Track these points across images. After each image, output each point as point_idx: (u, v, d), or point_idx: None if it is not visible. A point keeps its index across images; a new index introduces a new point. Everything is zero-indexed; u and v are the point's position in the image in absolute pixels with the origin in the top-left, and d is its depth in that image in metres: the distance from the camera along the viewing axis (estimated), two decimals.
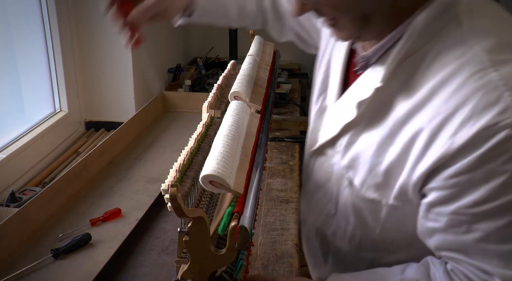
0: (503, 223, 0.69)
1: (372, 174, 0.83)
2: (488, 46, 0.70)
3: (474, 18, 0.73)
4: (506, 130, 0.65)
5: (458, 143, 0.68)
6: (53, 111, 1.79)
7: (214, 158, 0.74)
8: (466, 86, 0.69)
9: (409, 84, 0.76)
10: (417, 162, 0.74)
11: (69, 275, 1.05)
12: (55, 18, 1.70)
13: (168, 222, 1.27)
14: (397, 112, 0.77)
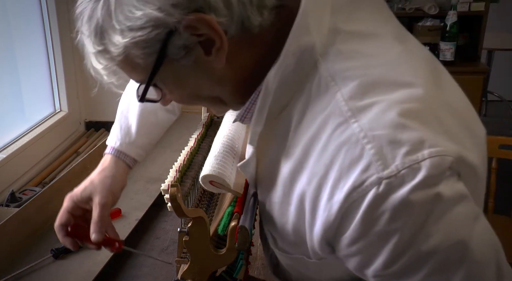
0: (421, 277, 0.61)
1: (285, 232, 0.75)
2: (348, 92, 0.62)
3: (332, 60, 0.64)
4: (373, 189, 0.57)
5: (335, 208, 0.60)
6: (53, 111, 1.79)
7: (214, 158, 0.74)
8: (331, 143, 0.61)
9: (285, 143, 0.69)
10: (311, 227, 0.67)
11: (69, 275, 1.05)
12: (55, 18, 1.70)
13: (168, 222, 1.27)
14: (283, 174, 0.70)
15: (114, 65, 0.67)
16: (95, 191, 0.91)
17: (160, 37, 0.61)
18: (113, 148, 0.99)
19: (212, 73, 0.66)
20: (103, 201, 0.89)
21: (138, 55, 0.63)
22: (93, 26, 0.64)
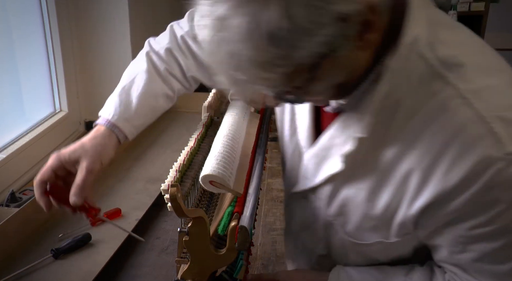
0: (498, 245, 0.72)
1: (367, 218, 0.82)
2: (460, 76, 0.69)
3: (437, 49, 0.71)
4: (496, 164, 0.66)
5: (454, 180, 0.69)
6: (53, 111, 1.79)
7: (214, 158, 0.74)
8: (449, 123, 0.69)
9: (391, 129, 0.74)
10: (412, 200, 0.74)
11: (69, 275, 1.05)
12: (55, 18, 1.70)
13: (168, 222, 1.27)
14: (385, 158, 0.76)
15: (282, 72, 0.64)
16: (85, 155, 0.89)
17: (333, 32, 0.62)
18: (108, 120, 0.96)
19: (356, 60, 0.70)
20: (90, 166, 0.88)
21: (307, 56, 0.63)
22: (266, 32, 0.61)
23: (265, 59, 0.62)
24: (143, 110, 1.02)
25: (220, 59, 0.65)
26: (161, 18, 2.30)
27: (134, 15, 1.87)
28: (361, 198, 0.81)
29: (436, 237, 0.77)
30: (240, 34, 0.61)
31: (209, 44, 0.64)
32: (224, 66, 0.65)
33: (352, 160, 0.79)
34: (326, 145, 0.84)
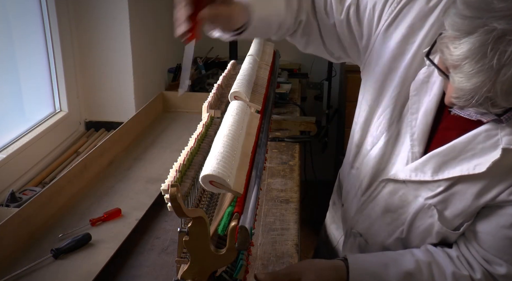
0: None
1: (470, 208, 0.94)
2: None
3: None
4: None
5: None
6: (53, 111, 1.79)
7: (214, 158, 0.74)
8: None
9: None
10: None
11: (69, 275, 1.05)
12: (55, 18, 1.70)
13: (168, 222, 1.27)
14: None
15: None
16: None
17: None
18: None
19: None
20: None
21: None
22: None
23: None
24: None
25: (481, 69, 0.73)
26: (161, 18, 2.30)
27: (134, 15, 1.87)
28: (472, 191, 0.93)
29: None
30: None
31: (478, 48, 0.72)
32: (485, 71, 0.72)
33: (494, 165, 0.89)
34: (460, 148, 0.94)
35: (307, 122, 1.91)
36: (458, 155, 0.94)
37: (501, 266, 0.93)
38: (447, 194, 0.97)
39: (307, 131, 1.90)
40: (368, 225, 1.14)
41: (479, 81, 0.73)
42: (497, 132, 0.89)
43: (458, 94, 0.78)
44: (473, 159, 0.92)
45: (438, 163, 0.97)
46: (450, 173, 0.95)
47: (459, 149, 0.94)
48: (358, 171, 1.14)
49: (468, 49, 0.73)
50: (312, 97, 2.88)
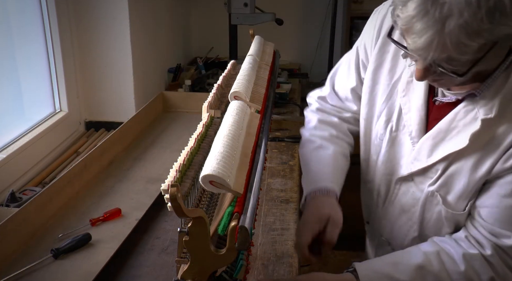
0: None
1: (469, 185, 0.97)
2: None
3: None
4: None
5: None
6: (53, 111, 1.79)
7: (214, 158, 0.74)
8: None
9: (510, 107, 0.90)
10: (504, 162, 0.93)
11: (69, 275, 1.05)
12: (55, 18, 1.70)
13: (168, 222, 1.27)
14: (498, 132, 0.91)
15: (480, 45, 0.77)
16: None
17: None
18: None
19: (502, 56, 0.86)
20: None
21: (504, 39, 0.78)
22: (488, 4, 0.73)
23: (476, 28, 0.74)
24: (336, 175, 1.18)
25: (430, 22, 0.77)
26: (161, 18, 2.30)
27: (134, 15, 1.87)
28: (467, 167, 0.96)
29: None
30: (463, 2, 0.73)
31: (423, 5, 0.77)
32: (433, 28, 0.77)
33: (475, 137, 0.93)
34: (445, 128, 0.99)
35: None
36: (445, 135, 0.99)
37: (509, 238, 0.94)
38: (446, 177, 1.00)
39: None
40: (390, 229, 1.17)
41: (429, 36, 0.78)
42: (474, 106, 0.94)
43: (417, 56, 0.83)
44: (458, 135, 0.96)
45: (429, 147, 1.02)
46: (440, 153, 0.99)
47: (444, 129, 0.99)
48: (372, 183, 1.19)
49: (413, 9, 0.78)
50: None
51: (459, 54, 0.79)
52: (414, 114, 1.05)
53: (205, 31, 2.93)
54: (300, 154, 1.28)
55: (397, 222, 1.14)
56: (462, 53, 0.79)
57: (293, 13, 2.88)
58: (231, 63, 1.34)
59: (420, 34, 0.79)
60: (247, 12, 2.29)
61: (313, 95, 1.36)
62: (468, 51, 0.78)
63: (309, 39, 2.94)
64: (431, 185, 1.02)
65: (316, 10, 2.88)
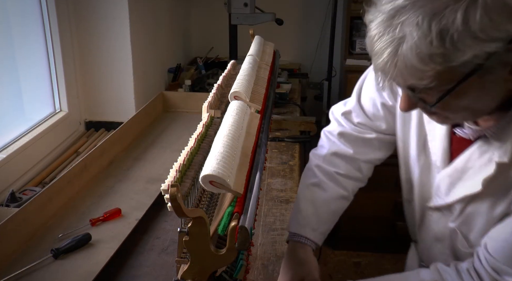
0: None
1: (487, 225, 0.92)
2: None
3: None
4: None
5: None
6: (53, 111, 1.79)
7: (214, 158, 0.74)
8: None
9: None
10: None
11: (69, 275, 1.05)
12: (55, 18, 1.70)
13: (168, 222, 1.27)
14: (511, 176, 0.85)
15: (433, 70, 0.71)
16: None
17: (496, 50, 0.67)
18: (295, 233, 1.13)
19: (499, 90, 0.76)
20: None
21: (467, 65, 0.69)
22: (439, 26, 0.67)
23: (427, 52, 0.69)
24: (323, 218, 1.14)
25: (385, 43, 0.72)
26: (161, 18, 2.30)
27: (134, 15, 1.87)
28: (484, 209, 0.91)
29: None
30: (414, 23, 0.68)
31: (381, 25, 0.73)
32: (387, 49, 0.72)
33: (489, 182, 0.87)
34: (461, 167, 0.93)
35: (307, 122, 1.91)
36: (461, 175, 0.94)
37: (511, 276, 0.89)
38: (464, 216, 0.96)
39: (307, 131, 1.90)
40: (427, 256, 1.13)
41: (385, 57, 0.74)
42: (489, 147, 0.89)
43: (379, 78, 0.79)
44: (473, 178, 0.91)
45: (447, 185, 0.97)
46: (457, 194, 0.95)
47: (460, 169, 0.94)
48: (412, 204, 1.14)
49: (373, 29, 0.76)
50: (312, 97, 2.88)
51: (417, 80, 0.74)
52: (437, 143, 0.99)
53: (205, 31, 2.93)
54: (300, 181, 1.21)
55: (433, 249, 1.10)
56: (418, 78, 0.73)
57: (293, 13, 2.88)
58: (231, 63, 1.34)
59: (378, 54, 0.75)
60: (247, 12, 2.29)
61: (337, 112, 1.21)
62: (424, 77, 0.72)
63: (309, 39, 2.94)
64: (453, 222, 0.99)
65: (316, 10, 2.88)
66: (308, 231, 1.10)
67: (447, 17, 0.67)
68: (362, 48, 2.62)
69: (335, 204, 1.16)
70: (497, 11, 0.66)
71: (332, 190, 1.15)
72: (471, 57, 0.67)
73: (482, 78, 0.72)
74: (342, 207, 1.17)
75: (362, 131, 1.16)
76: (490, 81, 0.73)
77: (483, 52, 0.67)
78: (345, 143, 1.17)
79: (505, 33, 0.66)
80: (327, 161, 1.17)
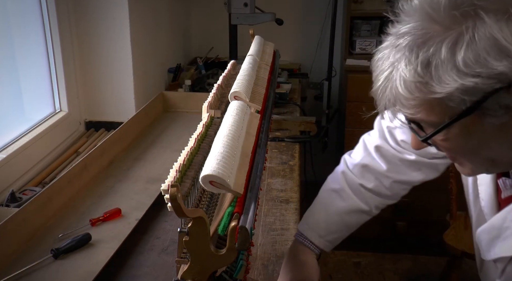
0: None
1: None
2: None
3: None
4: None
5: None
6: (53, 111, 1.79)
7: (214, 158, 0.74)
8: None
9: None
10: None
11: (69, 275, 1.05)
12: (55, 18, 1.70)
13: (168, 222, 1.27)
14: None
15: (420, 99, 0.68)
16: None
17: (489, 89, 0.63)
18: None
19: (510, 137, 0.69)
20: None
21: (454, 100, 0.65)
22: (425, 55, 0.65)
23: (412, 79, 0.66)
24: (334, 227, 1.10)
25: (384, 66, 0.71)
26: (161, 18, 2.30)
27: (134, 15, 1.87)
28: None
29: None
30: (404, 49, 0.66)
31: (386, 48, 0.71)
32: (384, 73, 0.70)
33: None
34: (498, 225, 0.85)
35: (307, 122, 1.91)
36: (499, 233, 0.87)
37: None
38: (507, 275, 0.88)
39: (307, 131, 1.90)
40: None
41: (381, 81, 0.72)
42: None
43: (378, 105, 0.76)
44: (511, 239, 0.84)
45: (486, 241, 0.90)
46: (496, 253, 0.88)
47: (497, 226, 0.87)
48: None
49: (379, 53, 0.74)
50: (312, 97, 2.88)
51: (404, 109, 0.71)
52: (485, 188, 0.92)
53: (205, 31, 2.93)
54: (325, 182, 1.16)
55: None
56: (405, 107, 0.70)
57: (293, 13, 2.88)
58: (231, 63, 1.34)
59: (376, 78, 0.73)
60: (247, 12, 2.29)
61: (384, 122, 1.13)
62: (408, 105, 0.69)
63: (309, 39, 2.94)
64: (498, 278, 0.91)
65: (316, 10, 2.88)
66: (314, 236, 1.09)
67: (435, 46, 0.65)
68: (362, 48, 2.62)
69: (350, 216, 1.11)
70: (484, 47, 0.62)
71: (351, 201, 1.10)
72: (453, 90, 0.64)
73: (484, 121, 0.67)
74: (358, 221, 1.12)
75: (402, 151, 1.09)
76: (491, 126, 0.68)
77: (466, 87, 0.63)
78: (381, 158, 1.10)
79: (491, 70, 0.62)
80: (356, 171, 1.12)
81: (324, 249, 1.10)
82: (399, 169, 1.10)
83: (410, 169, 1.10)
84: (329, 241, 1.10)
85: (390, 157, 1.10)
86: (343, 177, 1.12)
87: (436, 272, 2.51)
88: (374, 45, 2.60)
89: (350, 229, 1.13)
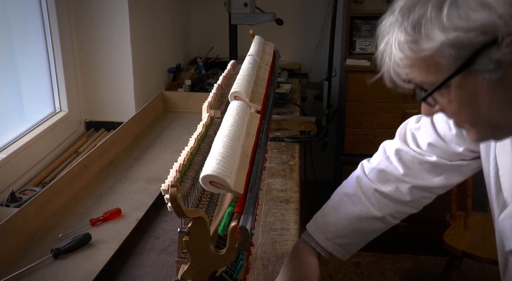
0: None
1: None
2: None
3: None
4: None
5: None
6: (53, 111, 1.79)
7: (214, 158, 0.74)
8: None
9: None
10: None
11: (69, 275, 1.05)
12: (55, 18, 1.70)
13: (168, 222, 1.27)
14: None
15: (414, 59, 0.70)
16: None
17: (478, 44, 0.64)
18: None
19: (509, 95, 0.69)
20: None
21: (445, 56, 0.67)
22: (414, 16, 0.68)
23: (403, 40, 0.69)
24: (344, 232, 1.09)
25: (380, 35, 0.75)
26: (161, 18, 2.30)
27: (134, 15, 1.87)
28: None
29: None
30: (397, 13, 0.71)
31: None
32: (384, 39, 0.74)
33: None
34: None
35: (307, 122, 1.91)
36: None
37: None
38: None
39: (307, 131, 1.90)
40: None
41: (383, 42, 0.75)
42: None
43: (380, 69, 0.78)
44: None
45: (510, 227, 0.88)
46: None
47: None
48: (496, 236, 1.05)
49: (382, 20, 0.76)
50: (312, 97, 2.88)
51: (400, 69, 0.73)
52: (507, 178, 0.89)
53: (205, 31, 2.93)
54: (340, 185, 1.15)
55: None
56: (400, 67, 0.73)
57: (293, 13, 2.88)
58: (231, 63, 1.34)
59: (379, 43, 0.76)
60: (247, 12, 2.29)
61: (409, 126, 1.11)
62: (403, 65, 0.72)
63: (309, 39, 2.94)
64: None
65: (316, 10, 2.88)
66: (322, 238, 1.08)
67: (424, 7, 0.68)
68: (362, 48, 2.62)
69: (360, 221, 1.08)
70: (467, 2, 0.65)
71: (362, 207, 1.08)
72: (439, 45, 0.66)
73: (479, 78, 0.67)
74: (370, 227, 1.10)
75: (423, 153, 1.07)
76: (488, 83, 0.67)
77: (450, 41, 0.66)
78: (399, 162, 1.08)
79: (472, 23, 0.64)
80: (372, 175, 1.10)
81: (333, 252, 1.08)
82: (417, 173, 1.07)
83: (429, 173, 1.07)
84: (339, 245, 1.08)
85: (409, 160, 1.07)
86: (357, 181, 1.10)
87: (436, 272, 2.51)
88: (374, 45, 2.60)
89: (364, 235, 1.10)
